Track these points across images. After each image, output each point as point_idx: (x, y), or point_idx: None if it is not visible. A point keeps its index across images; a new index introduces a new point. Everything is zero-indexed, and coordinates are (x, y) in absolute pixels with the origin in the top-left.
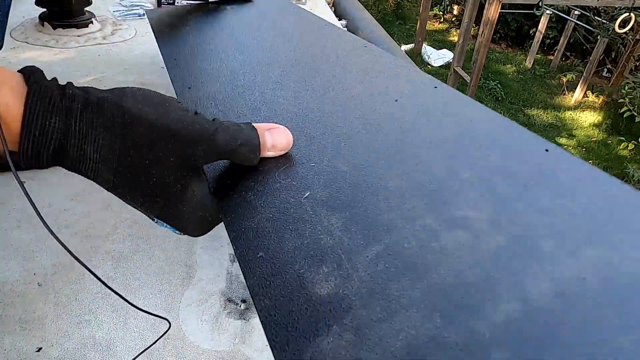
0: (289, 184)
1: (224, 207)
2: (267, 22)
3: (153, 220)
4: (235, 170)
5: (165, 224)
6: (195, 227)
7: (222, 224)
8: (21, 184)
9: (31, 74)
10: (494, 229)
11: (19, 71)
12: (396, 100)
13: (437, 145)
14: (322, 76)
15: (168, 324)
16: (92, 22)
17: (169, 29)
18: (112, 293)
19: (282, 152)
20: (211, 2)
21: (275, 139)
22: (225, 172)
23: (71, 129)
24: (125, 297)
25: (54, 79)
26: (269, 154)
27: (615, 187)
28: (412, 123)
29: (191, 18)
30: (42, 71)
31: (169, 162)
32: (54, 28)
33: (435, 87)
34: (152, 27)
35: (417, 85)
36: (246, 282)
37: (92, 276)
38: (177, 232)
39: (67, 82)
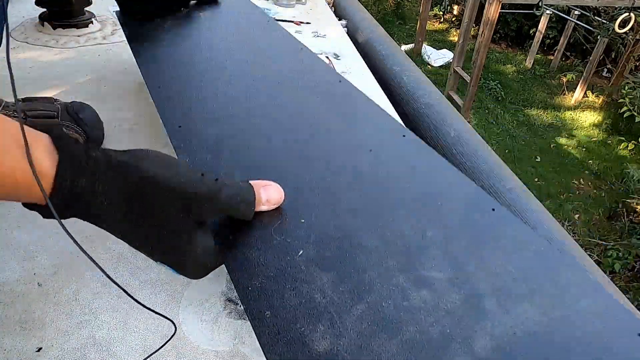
0: (284, 241)
1: (229, 265)
2: (245, 41)
3: (155, 261)
4: (236, 225)
5: (165, 265)
6: (195, 271)
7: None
8: (66, 230)
9: (59, 139)
10: (451, 288)
11: (43, 132)
12: (370, 150)
13: (406, 204)
14: (304, 121)
15: (174, 328)
16: (92, 22)
17: (146, 44)
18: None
19: (275, 206)
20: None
21: (269, 194)
22: (228, 228)
23: (96, 190)
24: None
25: (79, 142)
26: (263, 208)
27: (544, 247)
28: (384, 178)
29: (166, 30)
30: (67, 134)
31: (179, 217)
32: (54, 28)
33: (404, 136)
34: (129, 44)
35: (388, 134)
36: (258, 340)
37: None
38: (176, 272)
39: (89, 144)
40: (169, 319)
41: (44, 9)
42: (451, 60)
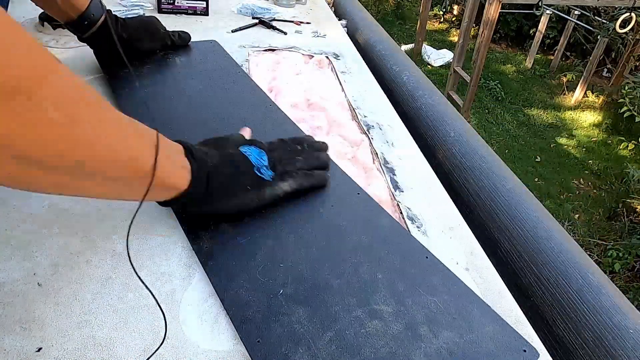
0: (267, 282)
1: (226, 303)
2: (219, 91)
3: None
4: (228, 270)
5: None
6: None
7: None
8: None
9: (189, 147)
10: (395, 319)
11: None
12: (332, 206)
13: (361, 250)
14: None
15: (164, 324)
16: None
17: (127, 89)
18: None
19: None
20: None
21: None
22: (223, 272)
23: (214, 175)
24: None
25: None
26: None
27: (461, 287)
28: (345, 229)
29: (146, 75)
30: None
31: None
32: (54, 28)
33: (358, 194)
34: (110, 85)
35: (346, 192)
36: None
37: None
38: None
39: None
40: (161, 309)
41: (42, 9)
42: (451, 60)
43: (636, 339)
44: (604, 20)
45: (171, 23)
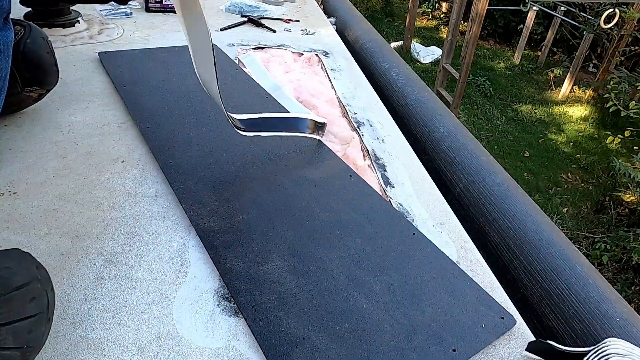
0: (260, 255)
1: (221, 270)
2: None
3: None
4: (227, 244)
5: None
6: None
7: None
8: None
9: None
10: (382, 290)
11: None
12: (325, 188)
13: (352, 227)
14: (275, 163)
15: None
16: (78, 22)
17: (128, 86)
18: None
19: None
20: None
21: None
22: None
23: None
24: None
25: None
26: None
27: (445, 260)
28: (335, 207)
29: (147, 76)
30: None
31: None
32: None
33: (350, 176)
34: (110, 77)
35: (339, 174)
36: (246, 322)
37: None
38: None
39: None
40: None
41: (29, 9)
42: (440, 57)
43: (622, 327)
44: (589, 16)
45: (160, 22)
